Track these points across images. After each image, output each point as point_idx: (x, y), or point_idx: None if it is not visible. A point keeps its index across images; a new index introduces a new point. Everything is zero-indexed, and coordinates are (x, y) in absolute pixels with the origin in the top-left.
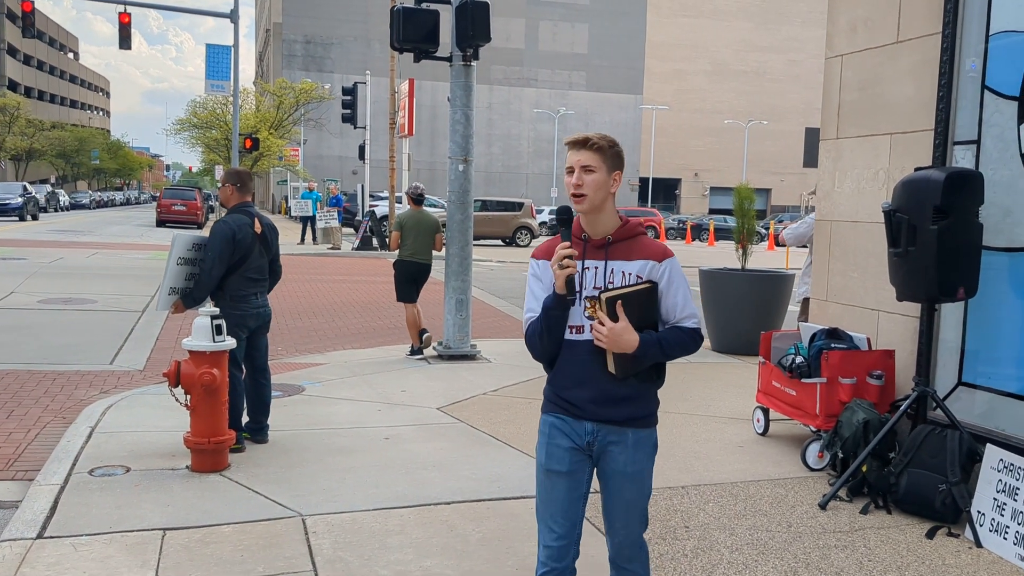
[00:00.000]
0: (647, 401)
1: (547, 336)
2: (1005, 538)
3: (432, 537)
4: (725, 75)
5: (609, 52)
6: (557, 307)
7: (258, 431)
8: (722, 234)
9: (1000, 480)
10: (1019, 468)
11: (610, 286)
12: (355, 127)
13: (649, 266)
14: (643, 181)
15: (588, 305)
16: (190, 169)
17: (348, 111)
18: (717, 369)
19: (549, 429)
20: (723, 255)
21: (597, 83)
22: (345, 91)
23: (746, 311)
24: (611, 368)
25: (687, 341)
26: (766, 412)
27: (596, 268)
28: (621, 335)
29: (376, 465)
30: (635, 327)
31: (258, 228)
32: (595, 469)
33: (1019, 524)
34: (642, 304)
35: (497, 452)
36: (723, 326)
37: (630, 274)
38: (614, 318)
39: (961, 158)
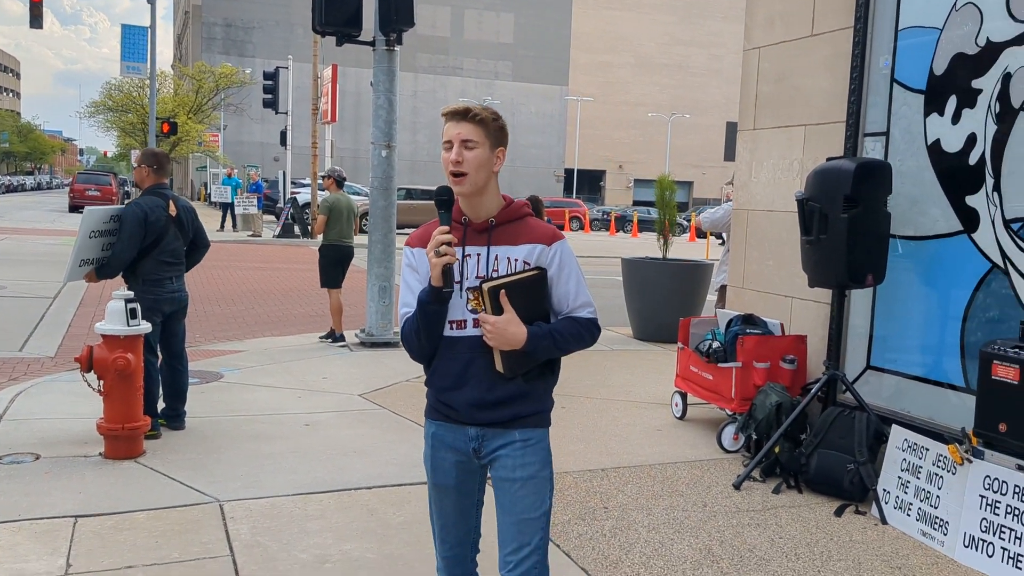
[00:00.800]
0: (536, 399)
1: (424, 334)
2: (908, 515)
3: (352, 521)
4: (649, 68)
5: (535, 43)
6: (434, 301)
7: (174, 418)
8: (645, 225)
9: (904, 459)
10: (922, 447)
11: (494, 274)
12: (276, 113)
13: (537, 250)
14: (568, 172)
15: (471, 297)
16: (105, 154)
17: (270, 96)
18: (638, 356)
19: (432, 439)
20: (646, 246)
21: (523, 74)
22: (267, 76)
23: (667, 299)
24: (499, 367)
25: (582, 333)
26: (684, 396)
27: (478, 255)
28: (506, 329)
29: (296, 451)
30: (523, 319)
31: (173, 210)
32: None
33: (921, 501)
34: (529, 293)
35: (419, 438)
36: (644, 314)
37: (516, 260)
38: (499, 311)
39: (871, 149)
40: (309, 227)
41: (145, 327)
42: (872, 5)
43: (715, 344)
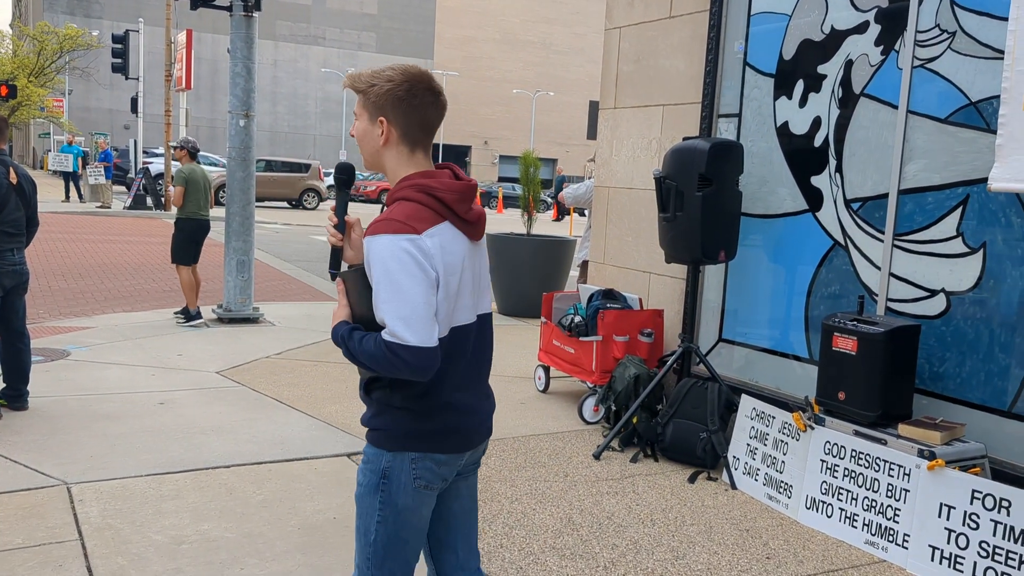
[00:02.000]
0: (374, 412)
1: None
2: (756, 480)
3: (210, 501)
4: (513, 45)
5: (399, 14)
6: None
7: (16, 398)
8: (510, 202)
9: (753, 427)
10: (769, 415)
11: None
12: (127, 78)
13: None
14: (434, 148)
15: None
16: None
17: (119, 60)
18: (503, 331)
19: None
20: (511, 222)
21: (387, 45)
22: (115, 39)
23: (531, 275)
24: None
25: (375, 352)
26: (547, 370)
27: None
28: (333, 319)
29: (149, 430)
30: (367, 316)
31: (13, 179)
32: None
33: (767, 466)
34: (358, 287)
35: (280, 415)
36: (508, 289)
37: None
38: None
39: (725, 130)
40: (162, 198)
41: None
42: None
43: (577, 319)
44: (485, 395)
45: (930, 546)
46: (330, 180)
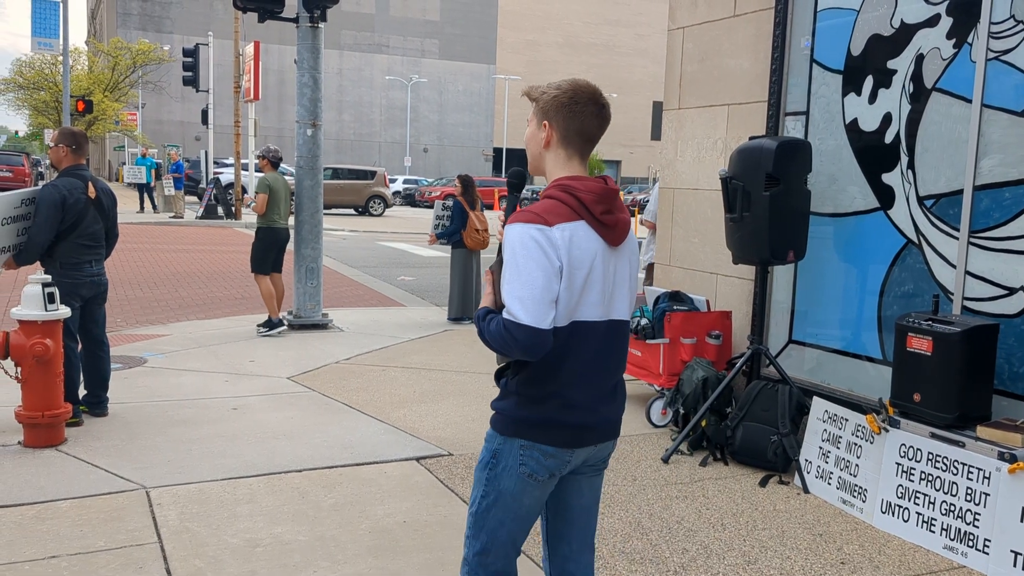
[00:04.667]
0: (498, 396)
1: None
2: (829, 483)
3: (283, 504)
4: (576, 47)
5: (462, 20)
6: None
7: (96, 404)
8: None
9: (825, 430)
10: (842, 418)
11: None
12: (197, 91)
13: None
14: (497, 151)
15: None
16: (16, 133)
17: (190, 74)
18: None
19: None
20: None
21: (450, 51)
22: (186, 53)
23: None
24: None
25: (494, 331)
26: None
27: None
28: (481, 305)
29: (224, 435)
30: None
31: (92, 192)
32: None
33: (841, 470)
34: (499, 275)
35: (350, 419)
36: None
37: None
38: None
39: (792, 128)
40: (233, 208)
41: (64, 312)
42: None
43: (643, 321)
44: (607, 397)
45: (1012, 551)
46: (395, 187)
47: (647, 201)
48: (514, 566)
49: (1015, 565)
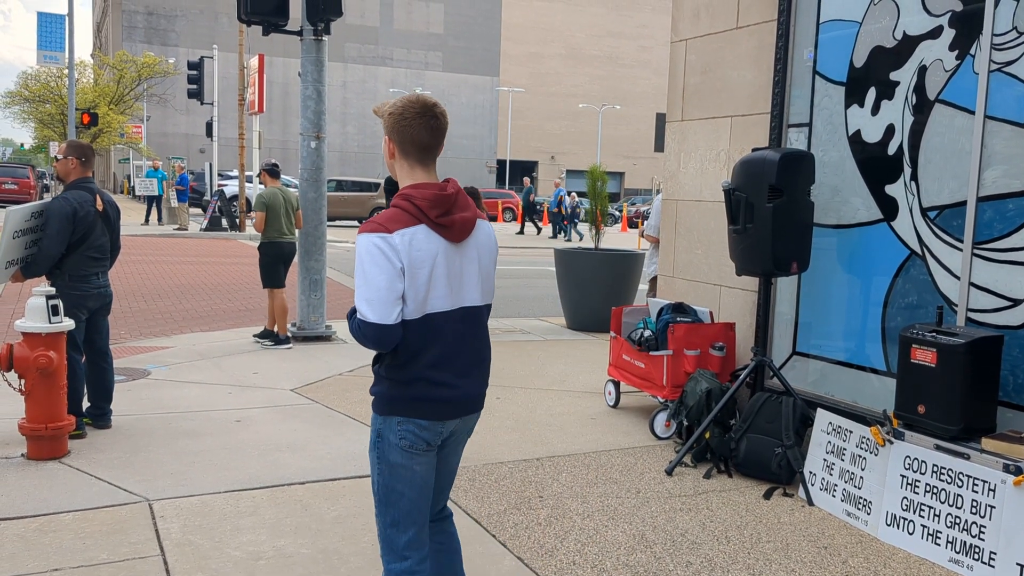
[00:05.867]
0: (373, 382)
1: None
2: (834, 496)
3: (286, 517)
4: (579, 59)
5: (465, 33)
6: None
7: (100, 416)
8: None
9: (829, 442)
10: (846, 430)
11: None
12: (202, 103)
13: None
14: (500, 163)
15: None
16: (22, 146)
17: (194, 86)
18: (572, 346)
19: None
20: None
21: (453, 64)
22: (191, 66)
23: (599, 289)
24: None
25: (353, 328)
26: (617, 385)
27: None
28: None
29: (227, 448)
30: None
31: (100, 205)
32: None
33: (845, 482)
34: None
35: (353, 432)
36: (578, 304)
37: None
38: None
39: (795, 140)
40: (237, 220)
41: (68, 324)
42: None
43: (647, 333)
44: (469, 375)
45: (1018, 564)
46: None
47: (649, 213)
48: (425, 532)
49: None
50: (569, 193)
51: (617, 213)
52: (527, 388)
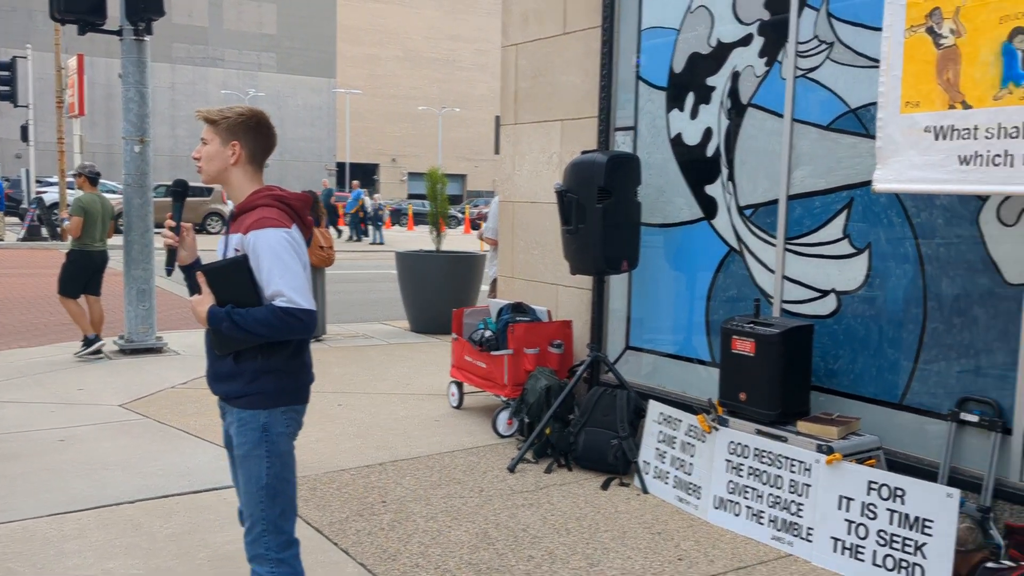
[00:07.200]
0: (247, 381)
1: None
2: (666, 483)
3: (116, 538)
4: (417, 62)
5: (300, 34)
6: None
7: None
8: (421, 218)
9: (661, 431)
10: (676, 419)
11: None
12: (15, 106)
13: (241, 239)
14: (340, 166)
15: None
16: None
17: (7, 88)
18: (415, 349)
19: None
20: (422, 239)
21: (288, 65)
22: (2, 66)
23: (441, 291)
24: (214, 344)
25: (269, 319)
26: (460, 386)
27: (225, 240)
28: (195, 308)
29: (49, 469)
30: (232, 301)
31: None
32: None
33: (677, 469)
34: (230, 278)
35: (187, 446)
36: (420, 307)
37: (236, 248)
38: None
39: (622, 143)
40: (58, 228)
41: None
42: (617, 5)
43: (487, 333)
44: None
45: (832, 538)
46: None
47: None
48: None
49: (835, 550)
50: (372, 196)
51: (460, 215)
52: (369, 393)
